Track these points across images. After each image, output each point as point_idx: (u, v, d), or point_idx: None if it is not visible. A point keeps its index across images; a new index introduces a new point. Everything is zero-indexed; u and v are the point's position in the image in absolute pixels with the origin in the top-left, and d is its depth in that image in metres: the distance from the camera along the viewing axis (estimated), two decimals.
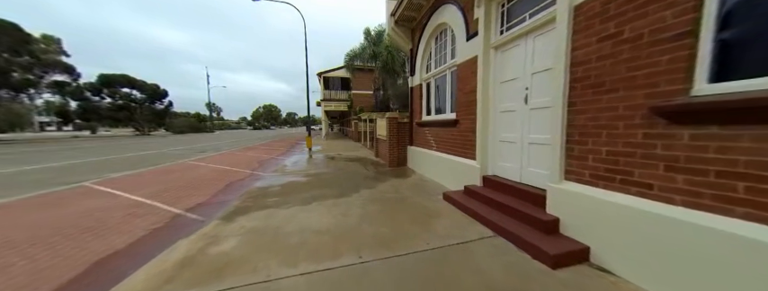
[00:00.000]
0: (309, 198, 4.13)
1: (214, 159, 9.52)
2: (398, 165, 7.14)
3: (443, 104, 5.15)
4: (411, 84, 6.67)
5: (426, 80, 5.99)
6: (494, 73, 3.46)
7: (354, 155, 9.81)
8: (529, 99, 2.89)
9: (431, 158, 5.39)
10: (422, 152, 5.97)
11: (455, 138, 4.40)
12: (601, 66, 1.93)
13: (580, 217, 2.09)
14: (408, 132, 6.92)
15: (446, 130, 4.74)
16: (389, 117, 7.00)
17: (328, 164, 7.70)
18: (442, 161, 4.77)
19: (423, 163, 5.92)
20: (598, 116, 1.96)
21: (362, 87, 21.33)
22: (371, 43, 13.09)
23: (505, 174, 3.34)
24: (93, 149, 13.95)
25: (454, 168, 4.29)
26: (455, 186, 4.17)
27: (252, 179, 5.87)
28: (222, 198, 4.36)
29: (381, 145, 8.39)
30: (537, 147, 2.80)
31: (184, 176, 6.21)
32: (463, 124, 4.10)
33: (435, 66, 5.50)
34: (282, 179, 5.68)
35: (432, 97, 5.70)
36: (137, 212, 3.62)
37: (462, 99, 4.11)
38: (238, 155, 10.69)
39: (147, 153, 11.92)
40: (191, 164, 8.13)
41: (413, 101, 6.67)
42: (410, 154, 6.85)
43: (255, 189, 4.75)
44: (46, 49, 38.50)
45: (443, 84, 5.10)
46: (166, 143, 18.91)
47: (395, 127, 7.04)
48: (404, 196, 4.17)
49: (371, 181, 5.27)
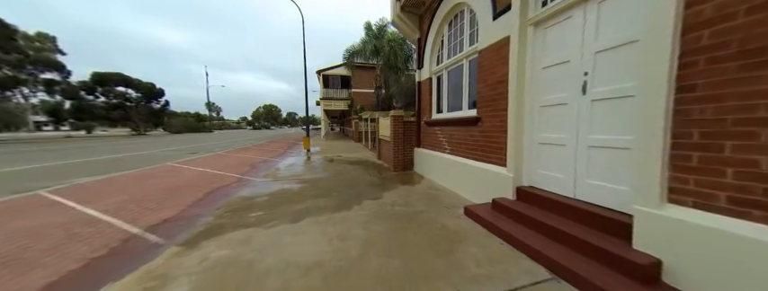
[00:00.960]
0: (301, 211, 3.40)
1: (203, 161, 8.80)
2: (404, 169, 6.42)
3: (459, 100, 4.42)
4: (418, 79, 5.94)
5: (437, 73, 5.26)
6: (532, 57, 2.73)
7: (355, 157, 9.08)
8: (589, 87, 2.16)
9: (443, 162, 4.66)
10: (432, 155, 5.24)
11: (476, 140, 3.67)
12: (760, 21, 1.18)
13: (705, 265, 1.35)
14: (415, 132, 6.19)
15: (464, 130, 4.01)
16: (394, 115, 6.28)
17: (326, 168, 6.97)
18: (459, 166, 4.04)
19: (433, 167, 5.19)
20: (750, 105, 1.23)
21: (363, 85, 20.62)
22: (373, 37, 12.36)
23: (550, 187, 2.60)
24: (78, 150, 13.24)
25: (476, 176, 3.56)
26: (477, 197, 3.44)
27: (238, 186, 5.14)
28: (197, 210, 3.63)
29: (384, 146, 7.66)
30: (604, 152, 2.07)
31: (162, 182, 5.49)
32: (487, 122, 3.37)
33: (448, 55, 4.77)
34: (273, 186, 4.95)
35: (443, 92, 4.97)
36: (82, 232, 2.89)
37: (486, 92, 3.38)
38: (230, 157, 9.97)
39: (133, 154, 11.20)
40: (175, 168, 7.40)
41: (420, 97, 5.94)
42: (417, 157, 6.12)
43: (238, 200, 4.02)
44: (41, 47, 37.99)
45: (459, 77, 4.37)
46: (159, 143, 18.21)
47: (400, 126, 6.31)
48: (416, 209, 3.44)
49: (375, 189, 4.55)
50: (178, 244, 2.50)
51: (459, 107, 4.43)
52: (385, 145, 7.66)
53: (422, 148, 5.93)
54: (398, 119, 6.30)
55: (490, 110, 3.29)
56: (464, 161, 3.94)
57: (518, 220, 2.56)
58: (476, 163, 3.64)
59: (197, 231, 2.83)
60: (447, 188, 4.47)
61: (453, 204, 3.59)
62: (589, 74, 2.14)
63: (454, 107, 4.66)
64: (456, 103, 4.57)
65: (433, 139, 5.25)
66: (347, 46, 14.41)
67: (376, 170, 6.59)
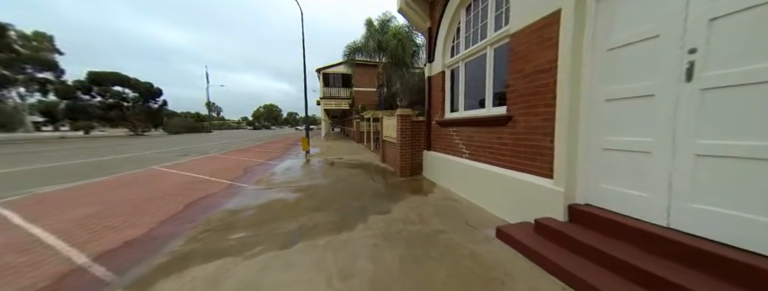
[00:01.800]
0: (294, 232, 2.78)
1: (193, 165, 8.18)
2: (412, 174, 5.78)
3: (480, 96, 3.78)
4: (428, 73, 5.30)
5: (451, 66, 4.63)
6: (592, 35, 2.09)
7: (357, 160, 8.45)
8: (699, 70, 1.52)
9: (460, 168, 4.03)
10: (445, 159, 4.60)
11: (504, 143, 3.02)
12: None
13: None
14: (425, 133, 5.55)
15: (488, 132, 3.37)
16: (401, 114, 5.64)
17: (326, 173, 6.34)
18: (482, 174, 3.40)
19: (447, 173, 4.55)
20: None
21: (365, 84, 19.99)
22: (376, 33, 11.70)
23: (622, 207, 1.96)
24: (63, 152, 12.64)
25: (505, 187, 2.92)
26: (508, 213, 2.81)
27: (226, 194, 4.51)
28: (169, 229, 3.00)
29: (389, 148, 7.03)
30: (726, 165, 1.43)
31: (140, 190, 4.87)
32: (522, 122, 2.73)
33: (466, 45, 4.13)
34: (265, 195, 4.32)
35: (459, 88, 4.33)
36: (10, 264, 2.26)
37: (520, 85, 2.73)
38: (224, 160, 9.35)
39: (120, 156, 10.59)
40: (160, 172, 6.78)
41: (431, 94, 5.31)
42: (427, 161, 5.49)
43: (222, 214, 3.39)
44: (38, 47, 37.50)
45: (480, 69, 3.73)
46: (154, 144, 17.62)
47: (408, 127, 5.68)
48: (434, 229, 2.80)
49: (382, 200, 3.91)
50: (125, 287, 1.87)
51: (479, 104, 3.79)
52: (389, 147, 7.03)
53: (433, 151, 5.29)
54: (406, 118, 5.66)
55: (526, 106, 2.65)
56: (488, 168, 3.29)
57: (576, 250, 1.92)
58: (505, 171, 2.99)
59: (158, 262, 2.20)
60: (466, 198, 3.83)
61: (478, 221, 2.95)
62: (699, 51, 1.50)
63: (474, 104, 4.02)
64: (476, 100, 3.93)
65: (447, 142, 4.61)
66: (348, 42, 13.79)
67: (380, 175, 5.96)
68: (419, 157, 5.88)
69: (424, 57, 13.13)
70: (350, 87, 20.82)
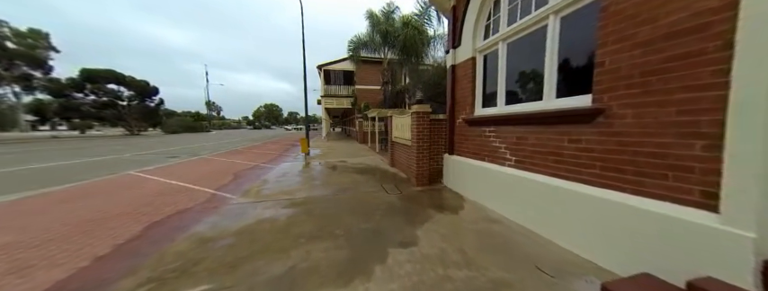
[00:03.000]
0: (282, 281, 1.86)
1: (177, 169, 7.27)
2: (430, 182, 4.86)
3: (534, 84, 2.85)
4: (452, 62, 4.38)
5: (486, 49, 3.70)
6: None
7: (363, 163, 7.53)
8: None
9: (502, 180, 3.10)
10: (477, 167, 3.68)
11: (589, 149, 2.09)
12: None
13: None
14: (446, 134, 4.63)
15: (554, 132, 2.44)
16: (418, 111, 4.71)
17: (328, 179, 5.42)
18: (545, 191, 2.47)
19: (479, 184, 3.63)
20: None
21: (368, 82, 19.06)
22: (381, 23, 10.72)
23: None
24: (42, 153, 11.75)
25: (593, 213, 1.99)
26: (608, 256, 1.89)
27: (203, 210, 3.60)
28: (103, 272, 2.09)
29: (400, 151, 6.11)
30: None
31: (99, 204, 3.96)
32: (629, 117, 1.79)
33: (509, 20, 3.19)
34: (250, 213, 3.40)
35: (499, 76, 3.40)
36: None
37: (630, 60, 1.78)
38: (214, 163, 8.44)
39: (98, 159, 9.70)
40: (135, 179, 5.87)
41: (455, 87, 4.39)
42: (449, 168, 4.56)
43: (185, 246, 2.48)
44: (33, 44, 36.71)
45: (533, 48, 2.80)
46: (146, 145, 16.75)
47: (426, 126, 4.75)
48: (492, 278, 1.88)
49: (401, 221, 2.99)
50: None
51: (533, 95, 2.86)
52: (400, 150, 6.11)
53: (457, 156, 4.37)
54: (423, 116, 4.73)
55: (641, 93, 1.72)
56: (556, 183, 2.36)
57: None
58: (589, 189, 2.06)
59: None
60: (514, 221, 2.90)
61: (554, 264, 2.02)
62: None
63: (521, 97, 3.09)
64: (526, 91, 3.00)
65: (479, 144, 3.68)
66: (351, 37, 12.86)
67: (392, 182, 5.03)
68: (438, 162, 4.97)
69: (434, 53, 12.18)
70: (352, 85, 19.90)
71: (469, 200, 3.79)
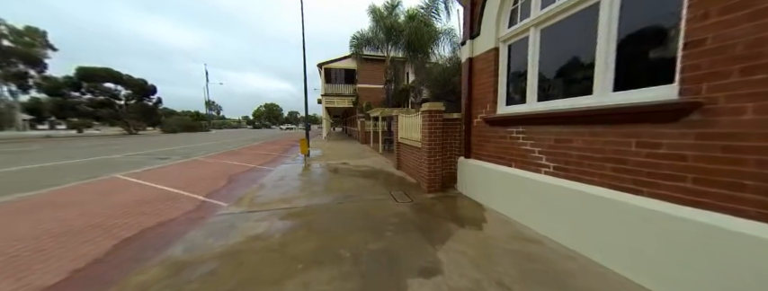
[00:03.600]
0: None
1: (167, 172, 6.81)
2: (443, 188, 4.40)
3: (579, 76, 2.38)
4: (469, 55, 3.90)
5: (511, 38, 3.22)
6: None
7: (366, 166, 7.06)
8: None
9: (536, 190, 2.63)
10: (499, 173, 3.20)
11: (682, 157, 1.61)
12: None
13: None
14: (462, 135, 4.16)
15: (615, 134, 1.96)
16: (430, 109, 4.24)
17: (330, 184, 4.94)
18: (604, 206, 2.00)
19: (502, 192, 3.15)
20: None
21: (370, 80, 18.58)
22: (385, 18, 10.21)
23: None
24: (28, 153, 11.29)
25: (711, 247, 1.52)
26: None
27: (187, 223, 3.14)
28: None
29: (407, 153, 5.63)
30: None
31: (65, 216, 3.49)
32: (753, 112, 1.31)
33: (544, 2, 2.71)
34: (240, 227, 2.93)
35: (531, 67, 2.92)
36: None
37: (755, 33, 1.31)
38: (208, 165, 7.97)
39: (85, 160, 9.24)
40: (118, 184, 5.40)
41: (473, 82, 3.91)
42: (465, 173, 4.09)
43: (156, 273, 2.00)
44: (30, 42, 36.26)
45: (578, 31, 2.33)
46: (141, 145, 16.29)
47: (438, 127, 4.28)
48: None
49: (418, 239, 2.52)
50: None
51: (578, 89, 2.38)
52: (408, 152, 5.64)
53: (474, 160, 3.89)
54: (435, 115, 4.26)
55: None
56: (619, 197, 1.88)
57: None
58: (674, 208, 1.59)
59: None
60: (553, 239, 2.43)
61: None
62: None
63: (560, 91, 2.61)
64: (570, 83, 2.53)
65: (504, 147, 3.21)
66: (354, 33, 12.35)
67: (400, 188, 4.56)
68: (451, 166, 4.50)
69: (442, 49, 11.62)
70: (353, 84, 19.41)
71: (492, 211, 3.32)
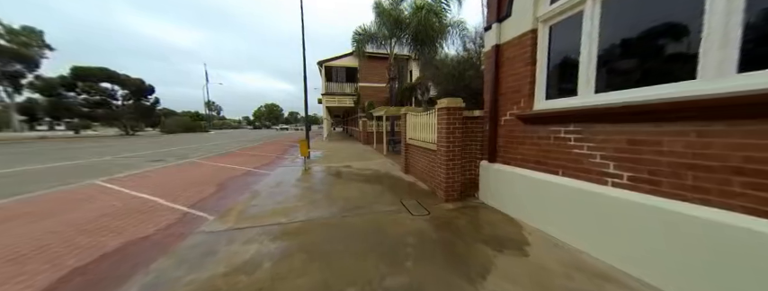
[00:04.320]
0: None
1: (154, 177, 6.24)
2: (461, 197, 3.83)
3: (662, 56, 1.79)
4: (497, 41, 3.31)
5: (554, 17, 2.64)
6: None
7: (371, 169, 6.47)
8: None
9: (598, 205, 2.05)
10: (538, 181, 2.62)
11: None
12: None
13: None
14: (486, 136, 3.57)
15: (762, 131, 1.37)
16: (449, 106, 3.65)
17: (332, 192, 4.36)
18: (733, 237, 1.41)
19: (544, 205, 2.57)
20: None
21: (372, 79, 18.00)
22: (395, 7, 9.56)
23: None
24: (18, 156, 10.73)
25: None
26: None
27: (158, 244, 2.56)
28: None
29: (418, 155, 5.04)
30: None
31: (13, 233, 2.92)
32: None
33: None
34: (221, 251, 2.35)
35: (584, 51, 2.33)
36: None
37: None
38: (201, 168, 7.41)
39: (70, 163, 8.68)
40: (98, 191, 4.83)
41: (500, 73, 3.33)
42: (490, 179, 3.51)
43: None
44: (26, 42, 35.76)
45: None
46: (135, 146, 15.73)
47: (458, 126, 3.70)
48: None
49: (448, 272, 1.93)
50: None
51: (664, 73, 1.79)
52: (418, 155, 5.05)
53: (502, 165, 3.31)
54: (455, 113, 3.67)
55: None
56: (752, 225, 1.30)
57: None
58: None
59: None
60: (632, 274, 1.84)
61: None
62: None
63: (636, 78, 2.02)
64: (655, 67, 1.94)
65: (546, 150, 2.62)
66: (356, 28, 11.77)
67: (412, 196, 3.98)
68: (471, 171, 3.92)
69: (452, 43, 10.86)
70: (355, 82, 18.83)
71: (530, 228, 2.73)
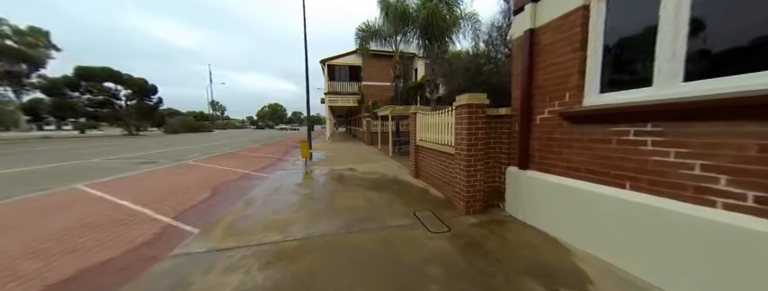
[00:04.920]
0: None
1: (143, 180, 5.80)
2: (484, 208, 3.29)
3: None
4: (531, 25, 2.78)
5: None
6: None
7: (376, 172, 5.95)
8: None
9: (687, 230, 1.50)
10: (594, 195, 2.08)
11: None
12: None
13: None
14: (517, 139, 3.03)
15: None
16: (471, 103, 3.11)
17: (334, 200, 3.85)
18: None
19: (601, 226, 2.02)
20: None
21: (376, 78, 17.50)
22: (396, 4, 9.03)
23: None
24: (12, 156, 10.42)
25: None
26: None
27: (124, 270, 2.08)
28: None
29: (430, 159, 4.50)
30: None
31: None
32: None
33: None
34: (196, 283, 1.84)
35: (666, 27, 1.78)
36: None
37: None
38: (195, 171, 6.95)
39: (60, 165, 8.30)
40: (76, 197, 4.38)
41: (533, 64, 2.80)
42: (521, 189, 2.97)
43: None
44: (33, 43, 36.00)
45: None
46: (133, 146, 15.42)
47: (481, 126, 3.16)
48: None
49: None
50: None
51: None
52: (431, 158, 4.52)
53: (537, 173, 2.77)
54: (477, 111, 3.14)
55: None
56: None
57: None
58: None
59: None
60: None
61: None
62: None
63: (743, 60, 1.47)
64: None
65: (602, 157, 2.08)
66: (359, 24, 11.26)
67: (426, 206, 3.45)
68: (495, 179, 3.39)
69: (465, 36, 9.84)
70: (359, 81, 18.34)
71: (580, 253, 2.19)
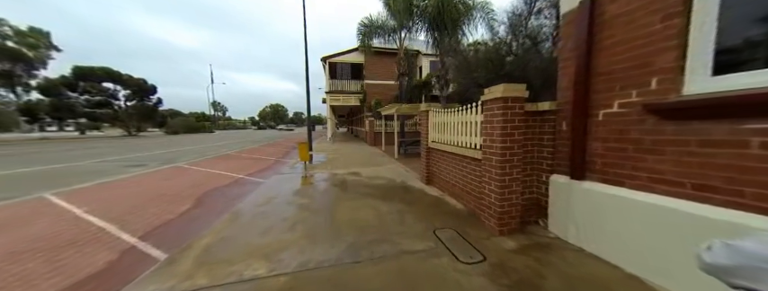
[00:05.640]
0: None
1: (124, 187, 5.21)
2: (520, 226, 2.66)
3: None
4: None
5: None
6: None
7: (383, 177, 5.32)
8: None
9: None
10: (726, 225, 1.42)
11: None
12: None
13: None
14: (568, 141, 2.39)
15: None
16: (506, 96, 2.47)
17: (336, 213, 3.22)
18: None
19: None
20: None
21: (379, 76, 16.87)
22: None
23: None
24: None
25: None
26: None
27: None
28: None
29: (446, 163, 3.86)
30: None
31: None
32: None
33: None
34: None
35: None
36: None
37: None
38: (185, 175, 6.37)
39: (43, 168, 7.75)
40: (37, 210, 3.80)
41: (593, 43, 2.15)
42: (573, 205, 2.32)
43: None
44: (34, 43, 35.79)
45: None
46: (127, 148, 14.90)
47: (518, 125, 2.53)
48: None
49: None
50: None
51: None
52: (446, 162, 3.88)
53: (600, 184, 2.13)
54: (511, 105, 2.50)
55: None
56: None
57: None
58: None
59: None
60: None
61: None
62: None
63: None
64: None
65: (745, 168, 1.42)
66: (361, 19, 10.65)
67: (446, 222, 2.80)
68: (533, 189, 2.75)
69: (477, 28, 8.83)
70: (361, 79, 17.71)
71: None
